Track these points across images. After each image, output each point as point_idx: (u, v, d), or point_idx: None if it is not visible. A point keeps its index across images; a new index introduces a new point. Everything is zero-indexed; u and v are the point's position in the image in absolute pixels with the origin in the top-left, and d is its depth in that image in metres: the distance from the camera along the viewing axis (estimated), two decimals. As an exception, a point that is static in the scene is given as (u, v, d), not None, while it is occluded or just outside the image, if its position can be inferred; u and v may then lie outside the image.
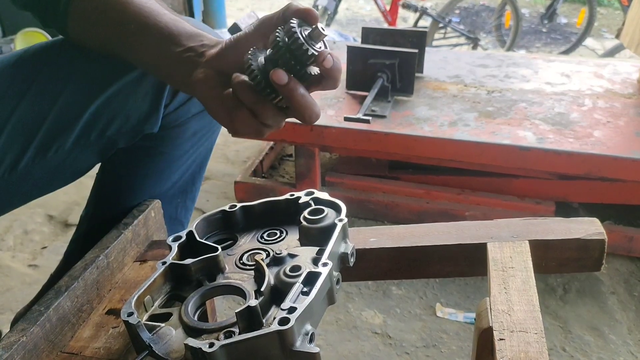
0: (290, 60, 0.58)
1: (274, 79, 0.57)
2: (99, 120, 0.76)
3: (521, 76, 2.04)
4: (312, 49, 0.57)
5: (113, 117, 0.77)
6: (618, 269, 1.63)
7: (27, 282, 1.60)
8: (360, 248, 0.68)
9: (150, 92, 0.78)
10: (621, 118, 1.70)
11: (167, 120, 0.82)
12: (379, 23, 4.76)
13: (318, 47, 0.59)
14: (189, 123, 0.85)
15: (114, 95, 0.76)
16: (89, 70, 0.77)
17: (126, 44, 0.70)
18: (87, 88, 0.76)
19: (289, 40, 0.57)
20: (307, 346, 0.48)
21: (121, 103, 0.77)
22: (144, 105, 0.78)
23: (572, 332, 1.42)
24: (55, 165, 0.78)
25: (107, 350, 0.61)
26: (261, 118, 0.61)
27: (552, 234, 0.67)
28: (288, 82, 0.57)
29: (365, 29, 1.99)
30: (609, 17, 5.28)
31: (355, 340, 1.41)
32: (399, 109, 1.76)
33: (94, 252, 0.72)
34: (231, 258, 0.63)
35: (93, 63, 0.76)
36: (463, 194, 1.76)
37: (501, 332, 0.52)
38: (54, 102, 0.74)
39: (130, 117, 0.78)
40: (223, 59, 0.63)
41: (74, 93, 0.75)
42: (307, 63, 0.58)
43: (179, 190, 0.93)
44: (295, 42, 0.57)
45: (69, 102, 0.75)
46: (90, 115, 0.75)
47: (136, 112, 0.78)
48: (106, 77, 0.76)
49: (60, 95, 0.75)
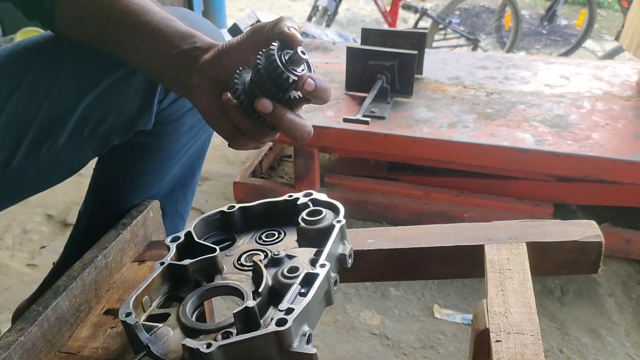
0: (271, 87, 0.58)
1: (259, 109, 0.58)
2: (91, 116, 0.76)
3: (520, 78, 2.04)
4: (290, 75, 0.58)
5: (105, 113, 0.77)
6: (616, 271, 1.63)
7: (25, 282, 1.60)
8: (358, 249, 0.68)
9: (142, 89, 0.78)
10: (620, 120, 1.70)
11: (163, 116, 0.82)
12: (379, 24, 4.76)
13: (300, 70, 0.59)
14: (185, 117, 0.85)
15: (105, 92, 0.76)
16: (80, 66, 0.76)
17: (116, 44, 0.69)
18: (78, 84, 0.75)
19: (268, 67, 0.57)
20: (305, 347, 0.48)
21: (113, 99, 0.77)
22: (136, 102, 0.78)
23: (569, 334, 1.42)
24: (49, 162, 0.77)
25: (105, 350, 0.61)
26: (255, 140, 0.63)
27: (549, 236, 0.67)
28: (273, 109, 0.58)
29: (365, 30, 1.99)
30: (609, 19, 5.28)
31: (353, 341, 1.41)
32: (398, 110, 1.77)
33: (93, 252, 0.72)
34: (229, 259, 0.63)
35: (83, 59, 0.76)
36: (462, 196, 1.76)
37: (498, 334, 0.53)
38: (45, 98, 0.74)
39: (122, 113, 0.78)
40: (216, 66, 0.63)
41: (65, 89, 0.75)
42: (287, 88, 0.59)
43: (179, 184, 0.93)
44: (275, 70, 0.57)
45: (60, 98, 0.74)
46: (82, 111, 0.75)
47: (129, 108, 0.78)
48: (97, 73, 0.76)
49: (51, 91, 0.74)
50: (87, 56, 0.76)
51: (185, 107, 0.84)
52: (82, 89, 0.75)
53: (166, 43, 0.65)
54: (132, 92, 0.77)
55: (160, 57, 0.66)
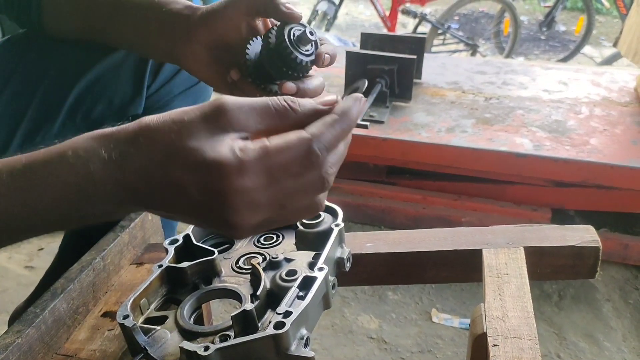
0: (282, 68, 0.61)
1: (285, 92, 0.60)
2: (83, 103, 0.78)
3: (519, 83, 2.04)
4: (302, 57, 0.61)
5: (97, 99, 0.78)
6: (613, 276, 1.63)
7: (23, 284, 1.60)
8: (356, 253, 0.68)
9: (132, 75, 0.79)
10: (618, 126, 1.71)
11: (151, 102, 0.83)
12: (378, 28, 4.77)
13: (306, 48, 0.61)
14: (173, 103, 0.85)
15: (96, 79, 0.77)
16: (70, 54, 0.78)
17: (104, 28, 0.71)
18: (69, 71, 0.77)
19: (280, 50, 0.60)
20: (302, 350, 0.48)
21: (104, 86, 0.78)
22: (126, 87, 0.79)
23: (566, 338, 1.42)
24: None
25: (102, 353, 0.61)
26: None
27: (547, 241, 0.67)
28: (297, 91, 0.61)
29: (365, 35, 1.99)
30: (607, 25, 5.30)
31: (351, 345, 1.41)
32: (397, 115, 1.77)
33: (91, 254, 0.72)
34: (227, 262, 0.63)
35: (73, 47, 0.77)
36: (460, 200, 1.77)
37: (495, 338, 0.53)
38: (38, 87, 0.76)
39: (113, 99, 0.79)
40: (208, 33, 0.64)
41: (56, 76, 0.76)
42: (296, 68, 0.61)
43: None
44: (287, 55, 0.60)
45: (52, 86, 0.76)
46: (74, 98, 0.77)
47: (119, 94, 0.79)
48: (87, 60, 0.77)
49: (42, 79, 0.76)
50: (76, 45, 0.77)
51: (173, 93, 0.84)
52: (73, 77, 0.77)
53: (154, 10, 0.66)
54: (123, 79, 0.79)
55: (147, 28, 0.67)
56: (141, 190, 0.41)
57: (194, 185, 0.40)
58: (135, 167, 0.40)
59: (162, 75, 0.82)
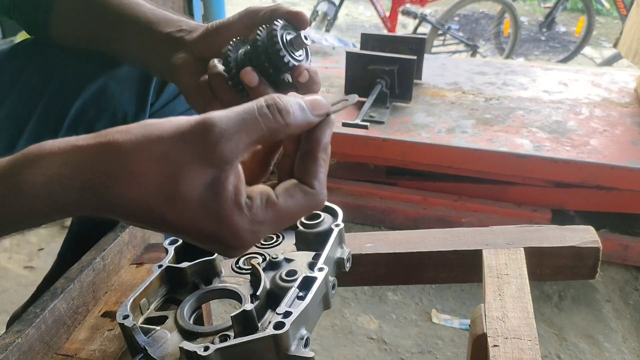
0: (264, 62, 0.55)
1: (244, 79, 0.55)
2: (86, 115, 0.77)
3: (519, 84, 2.04)
4: (289, 57, 0.55)
5: (100, 112, 0.78)
6: (613, 277, 1.63)
7: (23, 284, 1.60)
8: (356, 253, 0.68)
9: (136, 90, 0.79)
10: (618, 127, 1.71)
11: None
12: (378, 29, 4.78)
13: (298, 54, 0.57)
14: None
15: (100, 91, 0.77)
16: (74, 65, 0.77)
17: (107, 38, 0.71)
18: (73, 82, 0.76)
19: (268, 42, 0.55)
20: (302, 350, 0.48)
21: (107, 99, 0.77)
22: (130, 102, 0.79)
23: (567, 339, 1.42)
24: None
25: (102, 353, 0.61)
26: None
27: (547, 242, 0.67)
28: (258, 84, 0.55)
29: (365, 35, 1.99)
30: (608, 26, 5.30)
31: (351, 346, 1.40)
32: (397, 115, 1.77)
33: (91, 254, 0.72)
34: (227, 262, 0.63)
35: (77, 58, 0.77)
36: (460, 201, 1.77)
37: (495, 339, 0.53)
38: (40, 97, 0.75)
39: (116, 113, 0.78)
40: (203, 45, 0.63)
41: (59, 87, 0.76)
42: (282, 70, 0.56)
43: None
44: (273, 46, 0.54)
45: (55, 96, 0.75)
46: (76, 110, 0.76)
47: (122, 108, 0.79)
48: (91, 71, 0.77)
49: (45, 89, 0.75)
50: (79, 56, 0.77)
51: (176, 111, 0.84)
52: (76, 88, 0.76)
53: (153, 29, 0.66)
54: (126, 94, 0.78)
55: (147, 42, 0.66)
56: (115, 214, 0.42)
57: (196, 233, 0.42)
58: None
59: (166, 94, 0.82)
